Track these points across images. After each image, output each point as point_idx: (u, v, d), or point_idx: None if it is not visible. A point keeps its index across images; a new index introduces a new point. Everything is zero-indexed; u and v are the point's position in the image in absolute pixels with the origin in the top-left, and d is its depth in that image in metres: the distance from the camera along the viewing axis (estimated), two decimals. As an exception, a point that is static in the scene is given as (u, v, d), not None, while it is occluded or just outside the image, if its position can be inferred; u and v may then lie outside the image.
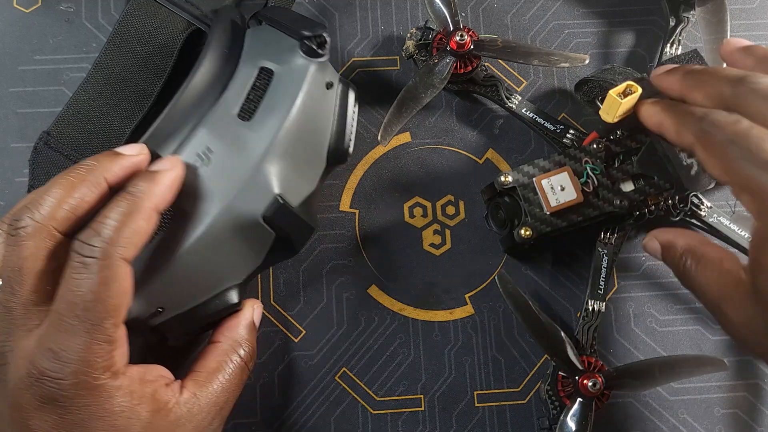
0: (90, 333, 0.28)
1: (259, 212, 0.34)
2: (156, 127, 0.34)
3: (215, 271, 0.35)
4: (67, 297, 0.28)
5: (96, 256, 0.28)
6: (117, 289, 0.29)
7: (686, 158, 0.36)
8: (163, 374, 0.33)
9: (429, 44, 0.41)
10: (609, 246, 0.40)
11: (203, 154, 0.33)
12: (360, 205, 0.42)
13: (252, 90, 0.35)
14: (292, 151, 0.35)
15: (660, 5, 0.45)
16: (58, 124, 0.38)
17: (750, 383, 0.40)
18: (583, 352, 0.39)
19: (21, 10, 0.43)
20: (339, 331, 0.41)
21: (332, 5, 0.45)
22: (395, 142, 0.43)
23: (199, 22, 0.39)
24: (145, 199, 0.30)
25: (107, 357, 0.29)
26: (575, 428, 0.36)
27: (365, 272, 0.41)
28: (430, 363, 0.40)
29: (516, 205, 0.38)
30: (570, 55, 0.40)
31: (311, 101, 0.35)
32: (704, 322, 0.41)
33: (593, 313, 0.40)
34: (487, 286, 0.41)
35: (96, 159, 0.32)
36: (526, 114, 0.42)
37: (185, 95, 0.34)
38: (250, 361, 0.35)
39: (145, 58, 0.39)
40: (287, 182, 0.35)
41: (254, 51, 0.36)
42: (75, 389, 0.28)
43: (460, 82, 0.42)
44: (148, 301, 0.33)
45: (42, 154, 0.38)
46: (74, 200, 0.30)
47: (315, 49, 0.35)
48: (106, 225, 0.29)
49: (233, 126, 0.34)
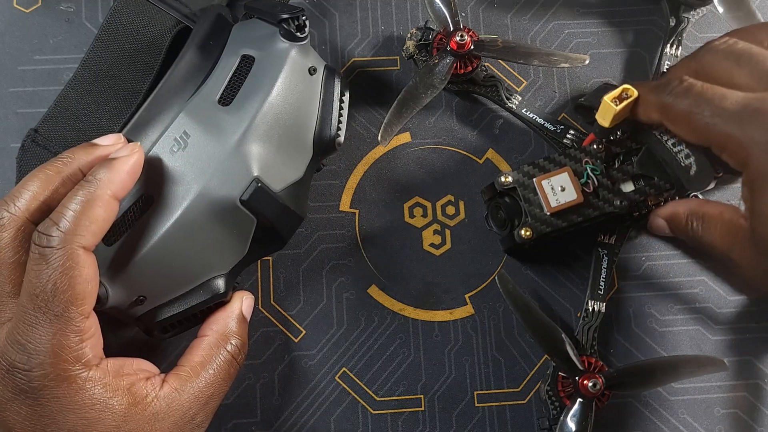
0: (54, 323, 0.28)
1: (237, 195, 0.33)
2: (137, 118, 0.34)
3: (196, 259, 0.34)
4: (28, 288, 0.28)
5: (53, 245, 0.28)
6: (78, 277, 0.29)
7: (684, 159, 0.36)
8: (144, 368, 0.33)
9: (429, 44, 0.41)
10: (609, 246, 0.40)
11: (180, 139, 0.33)
12: (360, 205, 0.42)
13: (233, 76, 0.35)
14: (273, 134, 0.35)
15: (660, 5, 0.45)
16: (46, 121, 0.38)
17: (750, 383, 0.40)
18: (584, 353, 0.39)
19: (21, 10, 0.43)
20: (339, 331, 0.41)
21: (332, 5, 0.45)
22: (395, 142, 0.43)
23: (188, 20, 0.39)
24: (102, 187, 0.30)
25: (76, 348, 0.29)
26: (575, 428, 0.36)
27: (365, 272, 0.41)
28: (430, 363, 0.40)
29: (516, 206, 0.38)
30: (570, 56, 0.40)
31: (292, 84, 0.35)
32: (704, 322, 0.41)
33: (593, 313, 0.40)
34: (487, 286, 0.41)
35: (72, 152, 0.32)
36: (526, 114, 0.42)
37: (165, 85, 0.34)
38: (239, 354, 0.35)
39: (134, 55, 0.39)
40: (268, 167, 0.34)
41: (238, 41, 0.36)
42: (43, 380, 0.28)
43: (460, 82, 0.42)
44: (128, 289, 0.33)
45: (30, 152, 0.38)
46: (49, 193, 0.31)
47: (294, 33, 0.35)
48: (64, 215, 0.29)
49: (212, 111, 0.34)
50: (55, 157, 0.32)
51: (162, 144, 0.33)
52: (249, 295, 0.37)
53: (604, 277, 0.40)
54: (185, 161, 0.33)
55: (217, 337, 0.35)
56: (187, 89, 0.34)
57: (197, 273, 0.34)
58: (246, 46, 0.36)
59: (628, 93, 0.35)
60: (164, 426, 0.31)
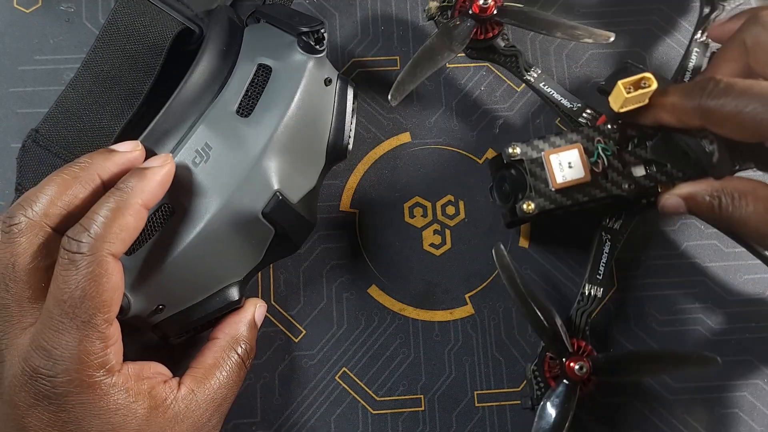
0: (81, 330, 0.28)
1: (259, 208, 0.34)
2: (154, 125, 0.34)
3: (215, 268, 0.35)
4: (56, 293, 0.28)
5: (83, 252, 0.28)
6: (106, 284, 0.29)
7: (708, 144, 0.35)
8: (160, 371, 0.33)
9: (452, 6, 0.40)
10: (613, 231, 0.39)
11: (202, 151, 0.33)
12: (360, 205, 0.42)
13: (250, 86, 0.35)
14: (291, 146, 0.35)
15: (660, 5, 0.45)
16: (47, 121, 0.38)
17: (750, 383, 0.40)
18: (575, 335, 0.38)
19: (21, 10, 0.43)
20: (339, 331, 0.41)
21: (332, 5, 0.45)
22: (395, 142, 0.43)
23: (189, 22, 0.39)
24: (134, 196, 0.30)
25: (101, 354, 0.29)
26: (557, 410, 0.35)
27: (365, 272, 0.41)
28: (430, 363, 0.40)
29: (522, 179, 0.37)
30: (595, 31, 0.39)
31: (309, 97, 0.35)
32: (704, 322, 0.41)
33: (590, 297, 0.39)
34: (487, 286, 0.41)
35: (90, 157, 0.32)
36: (544, 88, 0.41)
37: (182, 93, 0.34)
38: (247, 358, 0.35)
39: (135, 56, 0.39)
40: (286, 178, 0.35)
41: (252, 48, 0.36)
42: (68, 387, 0.28)
43: (479, 48, 0.41)
44: (149, 298, 0.33)
45: (30, 152, 0.38)
46: (67, 197, 0.30)
47: (313, 45, 0.35)
48: (95, 221, 0.29)
49: (232, 122, 0.34)
50: (73, 162, 0.32)
51: (183, 155, 0.33)
52: (263, 303, 0.38)
53: (605, 262, 0.39)
54: (207, 174, 0.33)
55: (228, 340, 0.35)
56: (204, 98, 0.34)
57: (215, 282, 0.35)
58: (261, 54, 0.36)
59: (647, 82, 0.34)
60: (183, 428, 0.31)
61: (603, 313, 0.41)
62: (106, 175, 0.32)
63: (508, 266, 0.36)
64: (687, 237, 0.42)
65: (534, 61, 0.44)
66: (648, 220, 0.42)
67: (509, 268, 0.36)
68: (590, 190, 0.37)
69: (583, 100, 0.40)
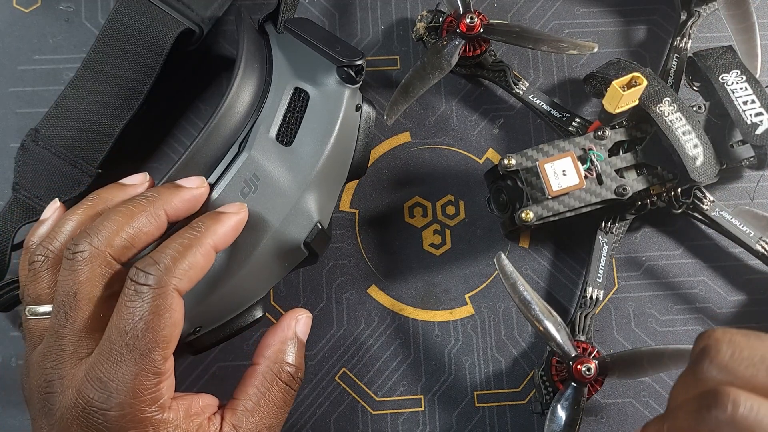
0: (138, 363, 0.28)
1: (302, 239, 0.34)
2: (195, 148, 0.33)
3: (249, 290, 0.35)
4: (119, 324, 0.28)
5: (150, 284, 0.28)
6: (168, 320, 0.28)
7: (692, 149, 0.36)
8: (208, 402, 0.32)
9: (439, 27, 0.41)
10: (610, 235, 0.40)
11: (250, 182, 0.33)
12: (360, 205, 0.42)
13: (288, 112, 0.35)
14: (329, 176, 0.35)
15: (661, 5, 0.45)
16: (47, 121, 0.38)
17: (750, 383, 0.40)
18: (579, 338, 0.39)
19: (21, 10, 0.43)
20: (339, 331, 0.41)
21: (332, 5, 0.45)
22: (395, 142, 0.43)
23: (190, 21, 0.39)
24: (207, 236, 0.30)
25: (154, 390, 0.28)
26: (567, 413, 0.36)
27: (365, 272, 0.41)
28: (430, 363, 0.40)
29: (518, 189, 0.38)
30: (579, 43, 0.40)
31: (346, 127, 0.36)
32: (704, 322, 0.41)
33: (590, 300, 0.39)
34: (487, 286, 0.41)
35: (157, 191, 0.32)
36: (533, 101, 0.42)
37: (223, 115, 0.34)
38: (294, 382, 0.33)
39: (135, 56, 0.39)
40: (323, 207, 0.36)
41: (286, 68, 0.36)
42: (121, 422, 0.28)
43: (468, 65, 0.42)
44: (191, 322, 0.33)
45: (29, 152, 0.38)
46: (132, 229, 0.30)
47: (353, 77, 0.35)
48: (165, 255, 0.29)
49: (275, 151, 0.34)
50: (140, 194, 0.32)
51: (232, 185, 0.33)
52: (306, 314, 0.35)
53: (603, 265, 0.40)
54: (255, 205, 0.33)
55: (270, 365, 0.33)
56: (242, 122, 0.34)
57: (246, 301, 0.35)
58: (297, 77, 0.36)
59: (637, 81, 0.35)
60: None
61: (603, 313, 0.41)
62: (172, 210, 0.31)
63: (511, 274, 0.37)
64: (687, 237, 0.42)
65: (535, 62, 0.44)
66: (648, 220, 0.42)
67: (511, 276, 0.37)
68: (585, 195, 0.38)
69: (572, 109, 0.42)
